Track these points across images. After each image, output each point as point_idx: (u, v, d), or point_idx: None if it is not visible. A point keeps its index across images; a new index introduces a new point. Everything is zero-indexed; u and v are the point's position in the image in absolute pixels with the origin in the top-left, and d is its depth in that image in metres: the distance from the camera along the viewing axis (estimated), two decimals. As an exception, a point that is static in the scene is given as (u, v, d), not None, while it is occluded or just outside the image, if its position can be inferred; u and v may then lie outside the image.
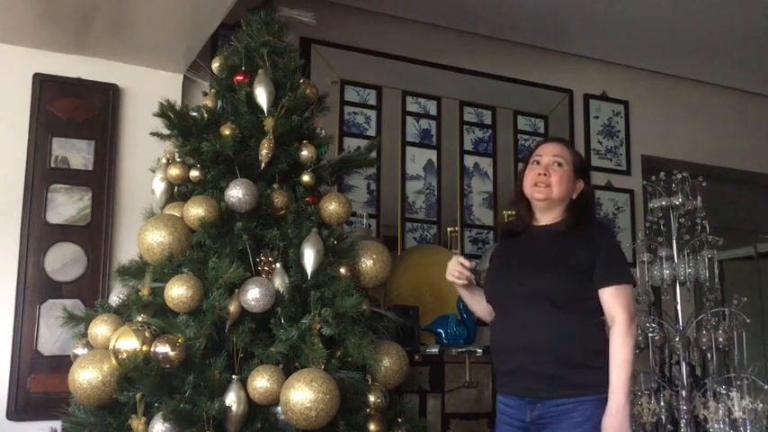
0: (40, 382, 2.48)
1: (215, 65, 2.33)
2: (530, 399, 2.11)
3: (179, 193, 2.17)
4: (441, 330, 2.95)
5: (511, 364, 2.05)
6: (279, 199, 2.08)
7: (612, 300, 2.10)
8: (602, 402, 2.03)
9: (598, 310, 2.13)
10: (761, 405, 2.67)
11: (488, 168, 3.50)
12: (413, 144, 3.37)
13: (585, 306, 2.12)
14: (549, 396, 2.09)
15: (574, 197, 2.23)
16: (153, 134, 2.21)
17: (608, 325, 2.12)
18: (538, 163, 2.24)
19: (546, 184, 2.20)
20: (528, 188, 2.23)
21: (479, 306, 2.27)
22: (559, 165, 2.22)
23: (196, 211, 1.99)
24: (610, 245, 2.19)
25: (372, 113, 3.29)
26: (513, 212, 2.97)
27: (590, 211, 2.28)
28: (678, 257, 2.99)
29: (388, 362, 2.01)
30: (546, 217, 2.27)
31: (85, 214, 2.65)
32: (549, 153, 2.26)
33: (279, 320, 1.91)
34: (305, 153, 2.16)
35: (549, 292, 2.13)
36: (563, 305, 2.11)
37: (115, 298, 2.08)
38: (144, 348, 1.78)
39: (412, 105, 3.38)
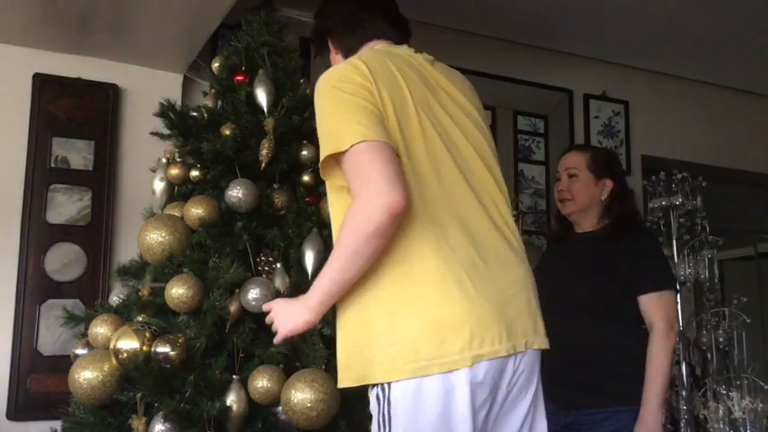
0: (40, 382, 2.47)
1: (215, 65, 2.33)
2: (564, 405, 2.08)
3: (179, 193, 2.17)
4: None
5: (547, 371, 2.04)
6: (279, 199, 2.08)
7: (651, 307, 2.06)
8: (637, 413, 2.00)
9: (640, 317, 2.08)
10: (761, 405, 2.67)
11: (488, 168, 3.50)
12: (413, 144, 3.36)
13: (626, 314, 2.08)
14: (584, 404, 2.07)
15: (603, 198, 2.22)
16: (153, 134, 2.21)
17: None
18: (559, 179, 2.30)
19: (568, 199, 2.25)
20: (557, 204, 2.31)
21: None
22: (574, 176, 2.26)
23: (196, 211, 1.99)
24: (650, 250, 2.15)
25: (372, 113, 3.28)
26: (514, 213, 2.97)
27: (628, 211, 2.24)
28: (678, 257, 2.99)
29: (389, 362, 2.01)
30: (585, 223, 2.27)
31: (85, 214, 2.64)
32: (563, 167, 2.31)
33: (279, 320, 1.91)
34: (305, 153, 2.17)
35: (586, 300, 2.10)
36: (601, 313, 2.08)
37: (115, 298, 2.08)
38: (144, 348, 1.78)
39: (412, 105, 3.37)
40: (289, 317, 1.39)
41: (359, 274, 1.29)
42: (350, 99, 1.31)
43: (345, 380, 1.36)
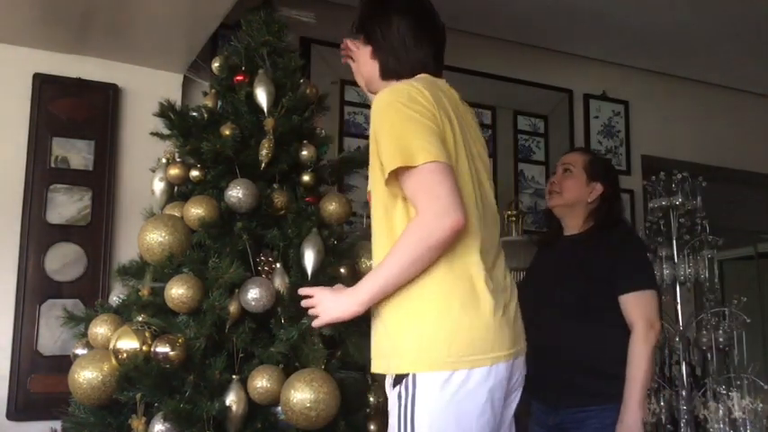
0: (40, 382, 2.48)
1: (215, 65, 2.33)
2: (553, 405, 2.15)
3: (179, 193, 2.17)
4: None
5: (534, 372, 2.07)
6: (279, 199, 2.08)
7: (630, 307, 2.09)
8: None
9: (623, 317, 2.12)
10: (761, 405, 2.67)
11: (488, 168, 3.49)
12: (413, 144, 3.36)
13: (611, 314, 2.11)
14: (571, 404, 2.10)
15: (589, 200, 2.25)
16: (153, 134, 2.21)
17: None
18: (554, 173, 2.37)
19: (557, 192, 2.30)
20: (546, 197, 2.37)
21: None
22: (569, 170, 2.32)
23: (196, 211, 1.99)
24: (631, 251, 2.19)
25: (372, 113, 3.28)
26: (514, 213, 3.01)
27: (612, 215, 2.28)
28: (678, 257, 2.99)
29: (389, 362, 2.01)
30: (571, 225, 2.32)
31: (85, 214, 2.65)
32: (561, 162, 2.39)
33: (279, 320, 1.91)
34: (305, 153, 2.16)
35: (572, 302, 2.14)
36: (587, 315, 2.12)
37: (115, 298, 2.08)
38: (144, 348, 1.78)
39: (412, 105, 3.37)
40: (335, 306, 1.52)
41: (411, 279, 1.43)
42: (419, 119, 1.43)
43: (379, 367, 1.51)
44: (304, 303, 1.57)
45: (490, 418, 1.43)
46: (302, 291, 1.60)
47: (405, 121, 1.44)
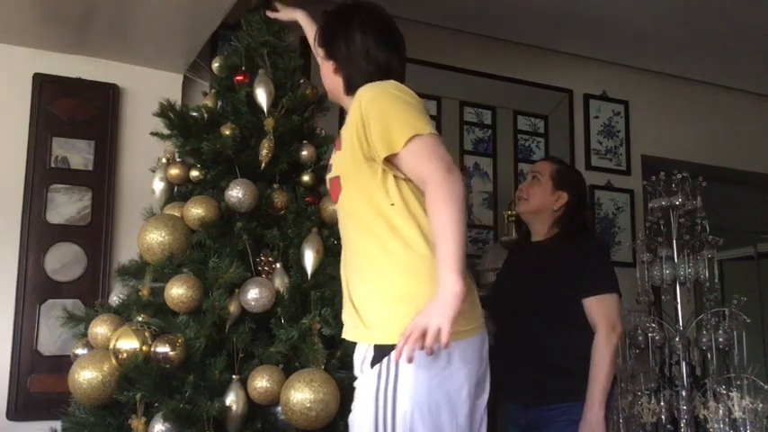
0: (40, 382, 2.47)
1: (215, 65, 2.33)
2: (524, 405, 2.22)
3: (179, 193, 2.18)
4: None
5: (506, 373, 2.11)
6: (279, 199, 2.08)
7: (594, 310, 2.16)
8: None
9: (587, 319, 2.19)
10: (761, 405, 2.67)
11: (488, 168, 3.50)
12: (413, 144, 3.36)
13: (577, 317, 2.18)
14: (542, 402, 2.16)
15: (555, 208, 2.32)
16: (153, 134, 2.21)
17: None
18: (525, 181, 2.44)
19: (524, 198, 2.37)
20: (515, 205, 2.47)
21: None
22: (536, 178, 2.39)
23: (196, 211, 1.99)
24: (594, 256, 2.26)
25: (372, 113, 3.28)
26: (513, 213, 3.04)
27: (576, 223, 2.34)
28: (678, 257, 2.99)
29: (388, 362, 2.01)
30: (537, 231, 2.39)
31: (85, 214, 2.64)
32: (531, 169, 2.46)
33: (279, 320, 1.91)
34: (305, 153, 2.17)
35: (539, 305, 2.23)
36: (551, 316, 2.20)
37: (115, 298, 2.08)
38: (144, 348, 1.78)
39: (412, 105, 3.37)
40: (441, 307, 1.36)
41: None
42: (414, 103, 1.57)
43: (362, 337, 1.53)
44: (415, 340, 1.35)
45: (470, 394, 1.49)
46: (400, 344, 1.37)
47: (401, 105, 1.54)
